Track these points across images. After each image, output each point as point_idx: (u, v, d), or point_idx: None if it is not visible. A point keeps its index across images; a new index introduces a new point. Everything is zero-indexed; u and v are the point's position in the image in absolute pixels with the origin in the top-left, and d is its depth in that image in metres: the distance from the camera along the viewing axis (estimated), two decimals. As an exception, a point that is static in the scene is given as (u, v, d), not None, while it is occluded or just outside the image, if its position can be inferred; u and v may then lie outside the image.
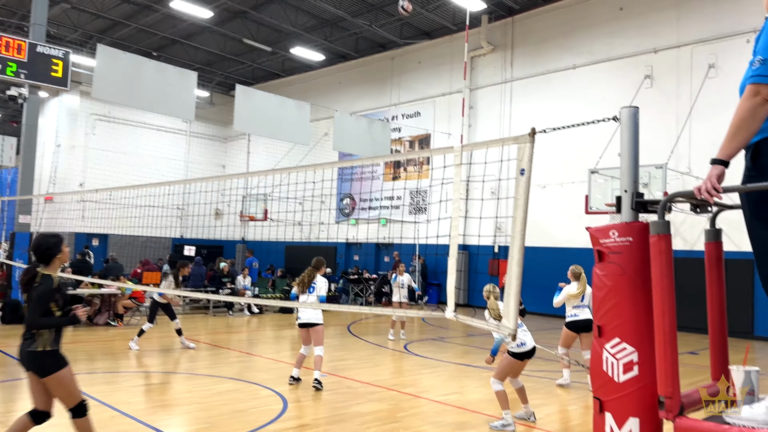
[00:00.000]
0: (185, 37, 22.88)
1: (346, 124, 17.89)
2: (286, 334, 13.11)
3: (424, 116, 21.84)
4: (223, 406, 6.62)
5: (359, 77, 24.34)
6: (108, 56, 12.40)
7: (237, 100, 14.80)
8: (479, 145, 3.40)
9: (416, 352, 10.86)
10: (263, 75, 27.20)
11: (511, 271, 3.08)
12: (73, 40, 22.71)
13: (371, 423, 6.10)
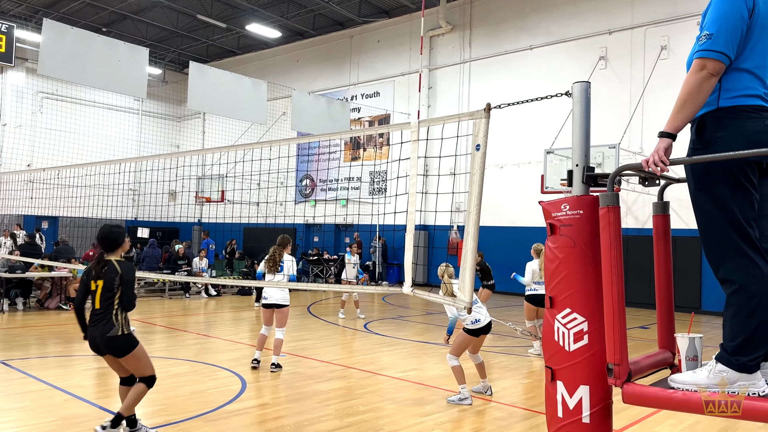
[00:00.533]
0: (136, 12, 22.11)
1: (304, 103, 17.66)
2: (244, 316, 13.01)
3: (384, 96, 21.76)
4: (180, 387, 6.54)
5: (317, 56, 24.03)
6: (55, 31, 11.88)
7: (191, 77, 14.43)
8: (436, 121, 3.40)
9: (376, 330, 10.94)
10: (218, 52, 26.57)
11: (466, 246, 3.11)
12: (17, 14, 21.66)
13: (331, 400, 6.13)
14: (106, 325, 4.46)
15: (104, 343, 4.49)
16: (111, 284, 4.48)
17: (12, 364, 7.45)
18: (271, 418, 5.50)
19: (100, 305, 4.50)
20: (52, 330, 10.32)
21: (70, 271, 12.52)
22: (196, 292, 16.38)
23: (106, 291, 4.48)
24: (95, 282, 4.53)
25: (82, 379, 6.82)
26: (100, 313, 4.49)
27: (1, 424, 5.17)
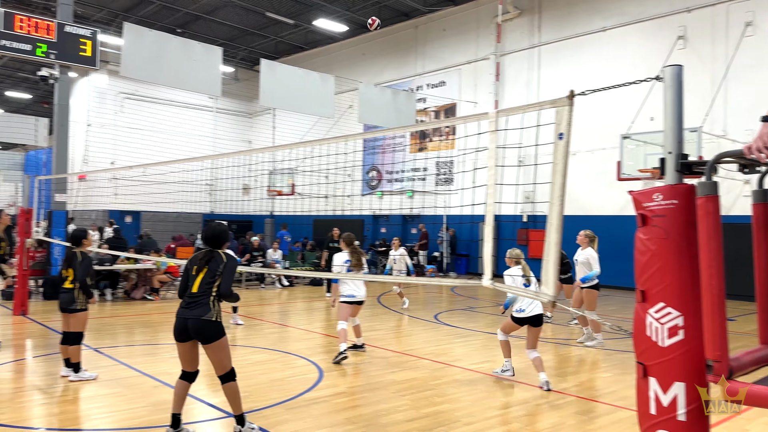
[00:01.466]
0: (208, 12, 22.84)
1: (370, 95, 17.76)
2: (317, 306, 13.28)
3: (450, 85, 21.56)
4: (260, 375, 6.77)
5: (383, 47, 24.07)
6: (135, 34, 12.46)
7: (262, 74, 14.77)
8: (515, 110, 3.34)
9: (446, 321, 10.92)
10: (286, 48, 27.07)
11: (549, 238, 3.05)
12: (99, 19, 22.86)
13: (406, 391, 6.17)
14: (203, 308, 4.62)
15: (197, 325, 4.60)
16: (214, 272, 4.68)
17: (103, 352, 7.93)
18: (348, 407, 5.61)
19: (198, 290, 4.66)
20: (139, 319, 10.89)
21: (153, 263, 13.15)
22: (270, 283, 16.86)
23: (207, 277, 4.68)
24: (198, 269, 4.72)
25: (169, 367, 7.15)
26: (197, 297, 4.65)
27: (97, 409, 5.51)
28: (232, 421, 5.16)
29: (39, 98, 33.69)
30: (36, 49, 11.64)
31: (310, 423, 5.13)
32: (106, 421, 5.17)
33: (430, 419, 5.27)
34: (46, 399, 5.77)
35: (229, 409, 4.91)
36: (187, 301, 4.69)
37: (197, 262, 4.77)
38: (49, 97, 31.33)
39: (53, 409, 5.54)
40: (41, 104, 33.77)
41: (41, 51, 11.76)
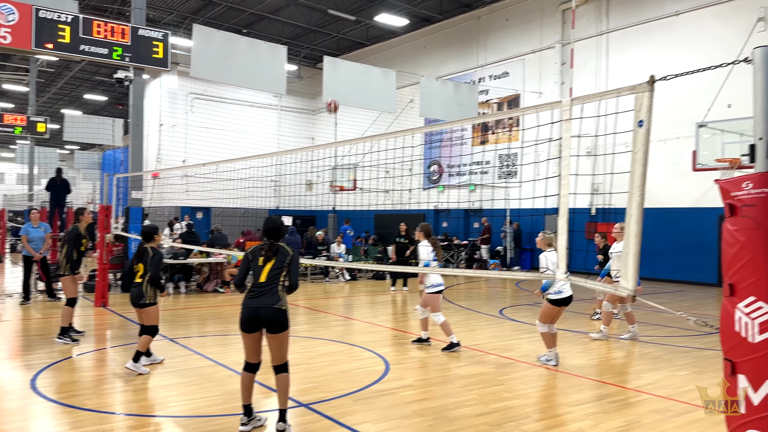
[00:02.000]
0: (272, 11, 23.32)
1: (432, 89, 17.67)
2: (380, 300, 13.36)
3: (513, 76, 21.18)
4: (328, 366, 6.88)
5: (444, 40, 23.89)
6: (203, 35, 12.87)
7: (325, 71, 14.96)
8: (591, 98, 3.24)
9: (511, 316, 10.76)
10: (348, 45, 27.30)
11: (629, 230, 2.94)
12: (169, 22, 23.74)
13: (473, 386, 6.13)
14: (273, 296, 4.65)
15: (270, 313, 4.60)
16: (281, 263, 4.75)
17: (178, 342, 8.26)
18: (416, 400, 5.62)
19: (267, 279, 4.69)
20: (210, 311, 11.29)
21: (224, 257, 13.59)
22: (334, 277, 17.10)
23: (275, 268, 4.73)
24: (266, 260, 4.76)
25: (240, 357, 7.35)
26: (265, 286, 4.68)
27: (174, 397, 5.75)
28: (304, 410, 5.28)
29: (114, 100, 35.39)
30: (112, 52, 12.19)
31: (378, 414, 5.17)
32: (182, 408, 5.39)
33: (499, 414, 5.21)
34: (126, 386, 6.06)
35: (298, 398, 5.00)
36: (254, 291, 4.70)
37: (263, 252, 4.80)
38: (123, 99, 32.89)
39: (133, 396, 5.81)
40: (116, 106, 35.45)
41: (117, 54, 12.31)
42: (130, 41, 12.36)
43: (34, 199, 27.35)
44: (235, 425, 4.85)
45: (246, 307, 4.70)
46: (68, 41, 11.52)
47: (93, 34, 11.86)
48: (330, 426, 4.89)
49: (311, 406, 5.35)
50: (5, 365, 6.94)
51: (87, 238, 8.43)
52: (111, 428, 4.84)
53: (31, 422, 5.05)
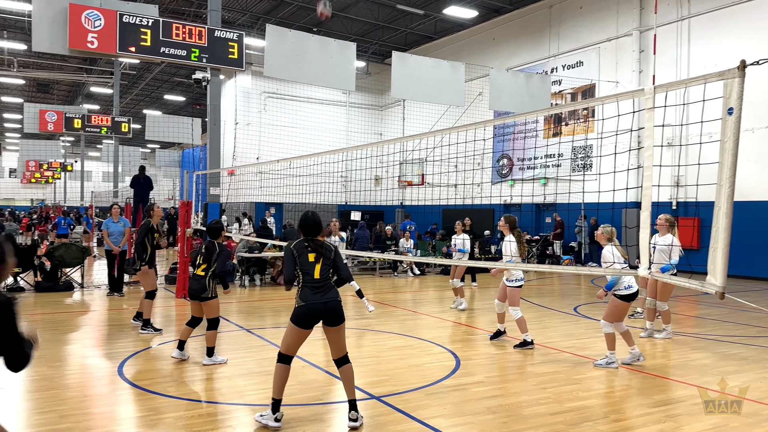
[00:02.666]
0: (342, 9, 23.57)
1: (502, 80, 17.36)
2: (448, 295, 13.28)
3: (588, 65, 20.49)
4: (398, 360, 6.91)
5: (515, 31, 23.41)
6: (276, 35, 13.18)
7: (394, 67, 14.98)
8: (675, 85, 3.08)
9: (587, 314, 10.44)
10: (416, 39, 27.24)
11: (718, 223, 2.79)
12: (243, 23, 24.46)
13: (547, 384, 5.99)
14: (334, 290, 4.76)
15: (336, 306, 4.69)
16: (328, 259, 4.82)
17: (254, 332, 8.52)
18: (488, 396, 5.55)
19: (321, 275, 4.74)
20: (284, 303, 11.57)
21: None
22: (402, 271, 17.15)
23: (324, 265, 4.79)
24: (317, 257, 4.77)
25: (314, 348, 7.53)
26: (323, 282, 4.73)
27: (252, 386, 5.93)
28: (375, 403, 5.33)
29: (192, 100, 36.86)
30: (190, 54, 12.69)
31: (450, 409, 5.15)
32: (259, 397, 5.54)
33: (576, 414, 5.07)
34: (206, 375, 6.31)
35: (370, 390, 5.04)
36: (315, 286, 4.71)
37: (309, 249, 4.80)
38: (201, 99, 34.22)
39: (212, 384, 6.05)
40: (194, 106, 36.91)
41: (194, 55, 12.80)
42: (206, 43, 12.82)
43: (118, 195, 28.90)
44: (310, 415, 4.95)
45: (313, 303, 4.68)
46: (149, 44, 12.08)
47: (172, 37, 12.38)
48: (401, 419, 4.91)
49: (383, 399, 5.39)
50: (93, 353, 7.38)
51: (158, 232, 8.77)
52: (191, 414, 5.06)
53: (118, 406, 5.35)
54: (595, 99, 3.81)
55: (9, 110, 40.36)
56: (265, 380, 6.06)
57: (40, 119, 22.38)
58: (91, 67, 30.95)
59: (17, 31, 25.34)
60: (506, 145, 23.55)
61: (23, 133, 39.37)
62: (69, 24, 11.15)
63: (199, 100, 35.03)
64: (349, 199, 28.76)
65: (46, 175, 44.72)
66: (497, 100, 17.14)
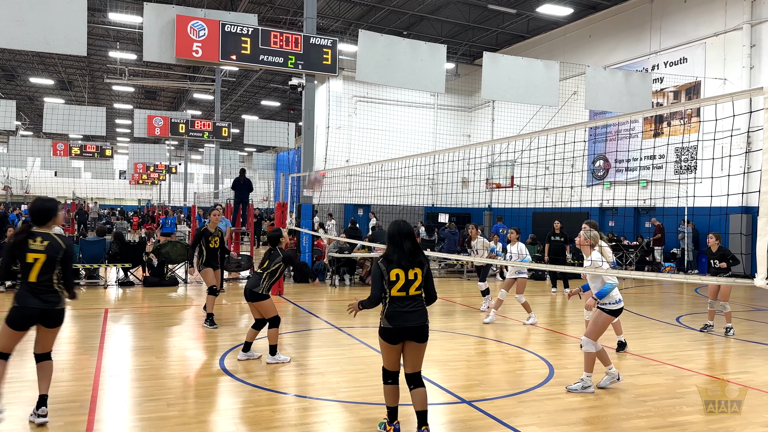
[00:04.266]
0: (432, 11, 23.59)
1: (598, 79, 16.69)
2: (538, 301, 12.95)
3: (692, 62, 19.32)
4: (489, 365, 6.83)
5: (612, 27, 22.47)
6: (368, 40, 13.40)
7: (484, 67, 14.80)
8: (801, 82, 2.85)
9: (690, 325, 9.85)
10: (507, 39, 26.78)
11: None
12: (335, 29, 25.05)
13: (648, 396, 5.71)
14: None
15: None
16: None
17: (344, 330, 8.70)
18: (584, 407, 5.37)
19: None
20: (373, 304, 11.73)
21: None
22: (491, 275, 16.90)
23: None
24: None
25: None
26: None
27: (344, 383, 6.06)
28: (467, 407, 5.29)
29: (286, 105, 38.16)
30: (287, 60, 13.16)
31: (544, 418, 5.03)
32: (351, 394, 5.66)
33: (678, 429, 4.80)
34: (300, 370, 6.52)
35: (461, 394, 5.02)
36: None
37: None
38: (294, 104, 35.39)
39: (306, 379, 6.23)
40: (288, 111, 38.20)
41: (291, 62, 13.26)
42: (302, 50, 13.24)
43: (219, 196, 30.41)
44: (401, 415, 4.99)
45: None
46: (249, 52, 12.64)
47: (270, 45, 12.89)
48: (493, 425, 4.84)
49: (474, 404, 5.35)
50: (194, 345, 7.81)
51: (215, 235, 9.13)
52: (285, 408, 5.25)
53: (220, 397, 5.63)
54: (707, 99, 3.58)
55: (120, 116, 43.54)
56: (357, 378, 6.18)
57: (148, 124, 23.96)
58: (194, 75, 32.79)
59: (128, 42, 27.30)
60: (603, 146, 22.65)
61: (132, 137, 42.37)
62: (176, 34, 11.87)
63: (294, 105, 36.22)
64: (436, 202, 28.71)
65: (153, 176, 47.80)
66: (593, 100, 16.52)
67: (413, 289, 4.40)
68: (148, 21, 11.83)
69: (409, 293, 4.39)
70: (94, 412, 4.96)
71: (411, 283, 4.38)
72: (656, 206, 20.10)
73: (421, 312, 4.43)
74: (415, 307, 4.41)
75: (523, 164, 22.30)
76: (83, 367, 6.39)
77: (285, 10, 23.70)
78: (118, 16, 22.75)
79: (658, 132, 20.43)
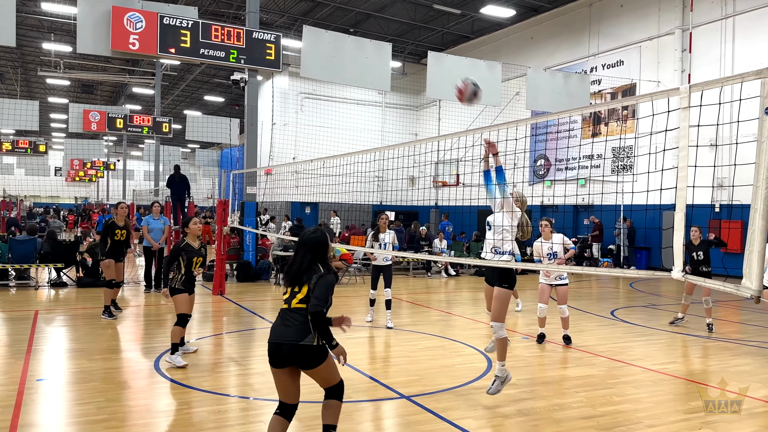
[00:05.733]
0: (378, 9, 23.65)
1: (539, 80, 17.16)
2: (482, 296, 13.18)
3: (628, 65, 20.07)
4: (429, 360, 6.90)
5: (553, 30, 23.09)
6: (313, 36, 13.32)
7: (429, 67, 14.96)
8: (711, 84, 3.00)
9: (624, 318, 10.24)
10: (453, 39, 27.13)
11: (753, 225, 2.71)
12: (280, 25, 24.76)
13: (580, 387, 5.90)
14: None
15: None
16: None
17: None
18: (519, 399, 5.50)
19: None
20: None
21: (330, 250, 13.99)
22: (436, 272, 17.11)
23: None
24: None
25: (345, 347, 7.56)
26: None
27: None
28: (405, 402, 5.32)
29: (230, 101, 37.48)
30: (229, 55, 12.93)
31: (480, 411, 5.12)
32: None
33: (609, 418, 4.98)
34: (240, 371, 6.42)
35: (400, 390, 5.00)
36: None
37: None
38: (239, 100, 34.75)
39: (245, 379, 6.15)
40: (233, 107, 37.53)
41: (233, 57, 13.03)
42: (245, 44, 13.03)
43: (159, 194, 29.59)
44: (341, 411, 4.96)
45: None
46: (189, 46, 12.36)
47: (211, 38, 12.63)
48: (431, 419, 4.90)
49: (413, 399, 5.40)
50: (131, 347, 7.59)
51: (123, 228, 9.46)
52: (225, 409, 5.16)
53: (154, 399, 5.49)
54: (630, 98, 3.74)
55: (55, 110, 41.76)
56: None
57: (84, 119, 23.09)
58: (133, 69, 31.78)
59: (63, 34, 26.21)
60: (544, 146, 23.25)
61: (68, 132, 40.73)
62: (112, 26, 11.48)
63: (238, 101, 35.60)
64: (384, 199, 28.82)
65: (90, 173, 46.11)
66: (534, 100, 16.96)
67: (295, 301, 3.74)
68: (81, 12, 11.40)
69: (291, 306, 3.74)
70: (18, 417, 4.74)
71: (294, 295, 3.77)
72: (594, 204, 20.78)
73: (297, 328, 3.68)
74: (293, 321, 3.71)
75: (468, 162, 22.63)
76: (8, 372, 6.10)
77: (228, 3, 23.29)
78: (51, 6, 21.81)
79: (596, 132, 21.14)
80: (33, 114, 20.08)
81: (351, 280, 14.86)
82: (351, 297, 12.26)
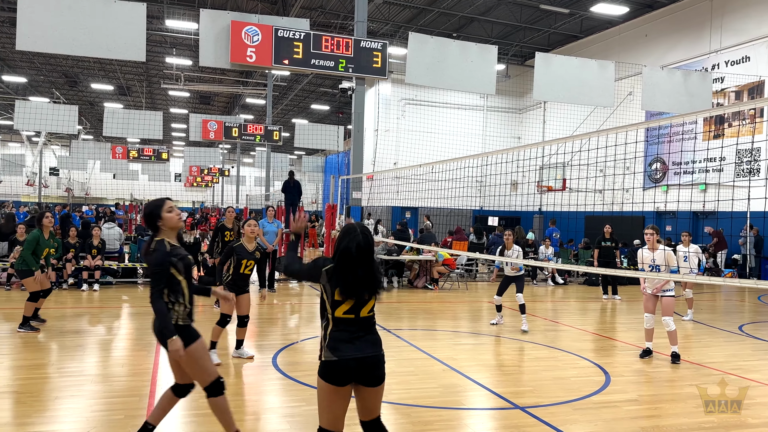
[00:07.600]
0: (482, 13, 23.39)
1: (655, 79, 16.17)
2: (591, 306, 12.63)
3: (755, 60, 18.51)
4: (543, 371, 6.68)
5: (670, 26, 21.76)
6: (418, 42, 13.39)
7: (537, 68, 14.55)
8: None
9: (754, 334, 9.41)
10: (559, 39, 26.29)
11: None
12: (385, 33, 25.14)
13: (712, 407, 5.47)
14: None
15: None
16: None
17: (393, 332, 8.68)
18: (643, 416, 5.19)
19: None
20: (420, 306, 11.68)
21: (433, 255, 13.99)
22: (542, 279, 16.60)
23: None
24: None
25: (453, 353, 7.52)
26: None
27: (395, 385, 6.03)
28: (519, 413, 5.20)
29: (335, 109, 38.54)
30: (338, 64, 13.27)
31: (601, 427, 4.88)
32: (403, 396, 5.63)
33: (745, 443, 4.59)
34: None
35: (513, 400, 4.90)
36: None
37: None
38: (343, 108, 35.68)
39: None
40: (337, 114, 38.56)
41: (342, 66, 13.36)
42: (353, 53, 13.33)
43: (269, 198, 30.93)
44: (453, 418, 4.94)
45: None
46: (301, 57, 12.81)
47: (322, 49, 13.03)
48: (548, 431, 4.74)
49: (527, 410, 5.25)
50: (247, 344, 7.94)
51: (230, 231, 9.97)
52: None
53: (269, 396, 5.70)
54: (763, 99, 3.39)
55: (176, 120, 44.87)
56: (408, 380, 6.15)
57: (202, 128, 24.59)
58: (246, 80, 33.49)
59: (184, 48, 28.12)
60: (660, 148, 21.95)
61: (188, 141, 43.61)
62: (231, 40, 12.14)
63: (342, 109, 36.53)
64: (485, 204, 28.41)
65: (207, 179, 49.05)
66: (650, 100, 16.02)
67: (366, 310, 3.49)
68: (204, 27, 12.13)
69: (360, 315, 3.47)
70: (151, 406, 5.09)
71: None
72: (716, 210, 19.32)
73: None
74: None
75: (576, 167, 21.80)
76: (141, 363, 6.58)
77: (335, 14, 23.94)
78: (174, 23, 23.45)
79: (719, 133, 19.66)
80: (157, 124, 21.65)
81: (453, 285, 14.76)
82: (455, 303, 12.18)
